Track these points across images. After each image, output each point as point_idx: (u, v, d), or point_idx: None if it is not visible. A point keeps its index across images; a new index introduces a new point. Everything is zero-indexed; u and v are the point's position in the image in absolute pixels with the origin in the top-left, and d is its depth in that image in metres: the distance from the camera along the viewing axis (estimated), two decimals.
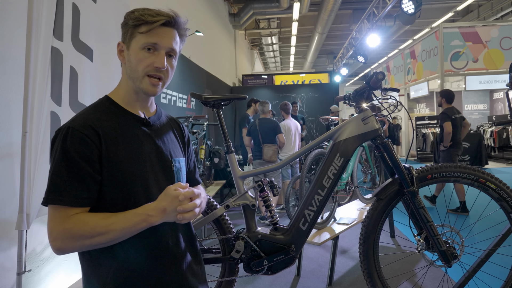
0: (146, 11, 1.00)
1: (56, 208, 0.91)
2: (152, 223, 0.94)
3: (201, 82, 6.59)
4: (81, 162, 0.92)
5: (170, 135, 1.16)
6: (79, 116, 0.98)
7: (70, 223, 0.90)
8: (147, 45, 1.00)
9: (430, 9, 11.79)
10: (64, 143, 0.92)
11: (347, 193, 3.41)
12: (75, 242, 0.90)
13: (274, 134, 4.87)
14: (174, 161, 1.12)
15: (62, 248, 0.91)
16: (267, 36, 14.41)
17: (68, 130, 0.93)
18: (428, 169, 1.80)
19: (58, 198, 0.90)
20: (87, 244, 0.91)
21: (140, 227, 0.93)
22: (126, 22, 1.03)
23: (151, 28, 0.99)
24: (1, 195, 1.91)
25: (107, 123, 0.99)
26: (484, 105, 15.04)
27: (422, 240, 1.81)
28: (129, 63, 1.03)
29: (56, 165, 0.92)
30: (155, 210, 0.93)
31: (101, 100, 1.07)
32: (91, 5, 2.27)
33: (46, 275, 2.21)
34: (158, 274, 1.03)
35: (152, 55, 1.01)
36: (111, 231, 0.91)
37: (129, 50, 1.03)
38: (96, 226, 0.91)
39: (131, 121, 1.05)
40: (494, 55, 9.43)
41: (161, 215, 0.93)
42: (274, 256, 1.73)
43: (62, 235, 0.90)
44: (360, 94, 1.86)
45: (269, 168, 1.94)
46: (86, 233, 0.90)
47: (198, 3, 6.93)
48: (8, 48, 1.95)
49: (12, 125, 1.97)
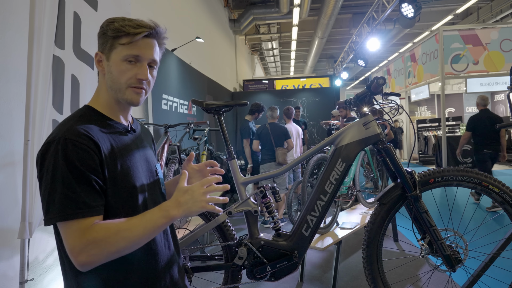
0: (126, 22, 0.99)
1: (74, 222, 0.87)
2: (171, 217, 0.94)
3: (202, 88, 6.60)
4: (86, 172, 0.90)
5: (148, 142, 1.19)
6: (70, 127, 0.93)
7: (93, 232, 0.87)
8: (129, 57, 0.99)
9: (430, 12, 11.83)
10: (66, 155, 0.88)
11: (349, 197, 3.40)
12: (101, 252, 0.87)
13: (284, 138, 5.04)
14: (156, 167, 1.16)
15: (89, 262, 0.86)
16: (267, 41, 14.48)
17: (66, 142, 0.89)
18: (431, 173, 1.79)
19: (77, 212, 0.87)
20: (113, 251, 0.88)
21: (161, 224, 0.93)
22: (105, 32, 1.00)
23: (133, 40, 0.98)
24: (4, 204, 1.91)
25: (99, 132, 0.98)
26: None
27: (426, 245, 1.80)
28: (109, 74, 1.01)
29: (63, 178, 0.87)
30: (170, 204, 0.95)
31: (83, 110, 1.04)
32: (92, 13, 2.28)
33: (49, 284, 2.21)
34: (154, 274, 1.05)
35: (135, 66, 1.00)
36: (135, 233, 0.90)
37: (109, 61, 1.01)
38: (119, 230, 0.89)
39: (118, 129, 1.05)
40: (494, 57, 9.43)
41: (177, 208, 0.95)
42: (277, 263, 1.72)
43: (86, 246, 0.86)
44: (361, 99, 1.86)
45: (271, 174, 1.94)
46: (110, 239, 0.87)
47: (198, 10, 6.96)
48: (10, 58, 1.96)
49: (14, 133, 1.98)
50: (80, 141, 0.90)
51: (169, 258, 1.12)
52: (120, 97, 1.02)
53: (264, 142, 5.10)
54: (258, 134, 5.18)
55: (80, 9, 2.14)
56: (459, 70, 9.49)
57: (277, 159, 4.98)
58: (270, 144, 5.03)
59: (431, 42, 10.25)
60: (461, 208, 5.28)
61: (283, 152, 4.95)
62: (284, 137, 5.04)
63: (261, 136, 5.13)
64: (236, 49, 11.59)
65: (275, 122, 5.16)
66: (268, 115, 5.24)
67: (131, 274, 1.00)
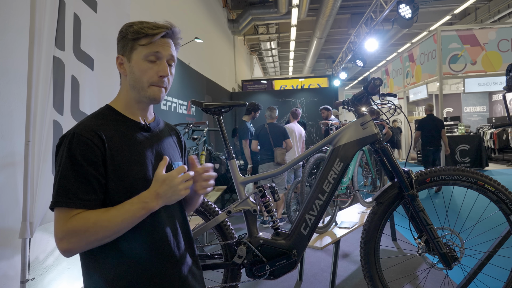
0: (145, 24, 1.04)
1: (62, 210, 0.94)
2: (150, 208, 0.98)
3: (201, 88, 6.62)
4: (86, 165, 0.95)
5: (169, 141, 1.21)
6: (83, 123, 1.01)
7: (73, 221, 0.93)
8: (150, 55, 1.04)
9: (428, 12, 11.87)
10: (70, 148, 0.95)
11: (348, 197, 3.42)
12: (80, 240, 0.93)
13: (283, 138, 5.06)
14: (174, 165, 1.16)
15: (69, 249, 0.93)
16: (266, 42, 14.50)
17: (73, 136, 0.96)
18: (427, 172, 1.81)
19: (65, 201, 0.93)
20: (92, 240, 0.94)
21: (140, 215, 0.97)
22: (124, 36, 1.06)
23: (152, 40, 1.04)
24: (4, 204, 1.92)
25: (110, 129, 1.03)
26: (484, 107, 15.07)
27: (423, 243, 1.82)
28: (131, 74, 1.06)
29: (63, 169, 0.94)
30: (148, 196, 0.98)
31: (102, 108, 1.10)
32: (92, 14, 2.30)
33: (49, 283, 2.22)
34: (160, 271, 1.06)
35: (155, 65, 1.06)
36: (113, 223, 0.94)
37: (130, 62, 1.06)
38: (98, 220, 0.93)
39: (132, 127, 1.09)
40: (492, 57, 9.47)
41: (156, 199, 0.98)
42: (276, 261, 1.74)
43: (66, 234, 0.92)
44: (359, 99, 1.88)
45: (270, 174, 1.96)
46: (89, 228, 0.92)
47: (197, 10, 6.98)
48: (10, 59, 1.98)
49: (15, 134, 1.99)
50: (85, 136, 0.96)
51: (178, 259, 1.12)
52: (142, 95, 1.07)
53: (262, 142, 5.12)
54: (257, 134, 5.20)
55: (80, 10, 2.16)
56: (457, 70, 9.53)
57: (275, 159, 5.00)
58: (268, 144, 5.05)
59: (429, 42, 10.28)
60: (458, 207, 5.31)
61: (281, 152, 4.97)
62: (283, 137, 5.06)
63: (259, 136, 5.15)
64: (235, 49, 11.61)
65: (273, 122, 5.18)
66: (267, 115, 5.26)
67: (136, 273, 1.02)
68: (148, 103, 1.11)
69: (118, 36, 1.08)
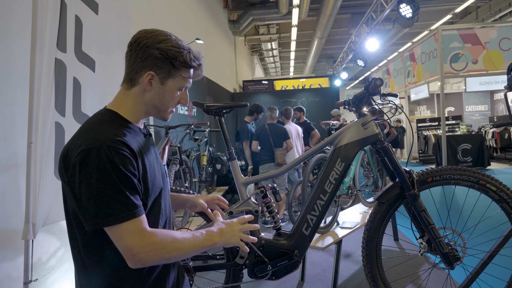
0: (192, 55, 1.08)
1: (128, 224, 0.93)
2: (215, 243, 1.11)
3: (202, 89, 6.63)
4: (130, 175, 0.95)
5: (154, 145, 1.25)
6: (106, 134, 0.96)
7: (153, 236, 0.96)
8: (183, 87, 1.11)
9: (429, 11, 11.86)
10: (111, 161, 0.92)
11: (349, 197, 3.41)
12: (156, 254, 0.95)
13: (283, 139, 5.04)
14: (164, 167, 1.23)
15: (144, 261, 0.94)
16: (267, 42, 14.50)
17: (109, 149, 0.93)
18: (429, 172, 1.81)
19: (128, 214, 0.93)
20: (165, 258, 0.98)
21: (206, 246, 1.07)
22: (166, 58, 1.03)
23: (193, 76, 1.11)
24: (7, 206, 1.93)
25: (129, 138, 1.01)
26: (485, 106, 15.03)
27: (425, 243, 1.82)
28: (159, 96, 1.08)
29: (110, 184, 0.91)
30: (215, 232, 1.13)
31: (108, 115, 1.05)
32: (93, 16, 2.30)
33: (52, 284, 2.23)
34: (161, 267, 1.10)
35: (180, 93, 1.13)
36: (186, 246, 1.01)
37: (163, 85, 1.07)
38: (175, 240, 0.99)
39: (140, 134, 1.10)
40: (493, 56, 9.44)
41: (220, 236, 1.13)
42: (278, 262, 1.74)
43: (145, 247, 0.94)
44: (360, 99, 1.88)
45: (271, 174, 1.96)
46: (167, 246, 0.97)
47: (197, 11, 6.99)
48: (12, 61, 1.99)
49: (17, 136, 2.00)
50: (121, 148, 0.95)
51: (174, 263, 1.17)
52: (160, 115, 1.13)
53: (263, 143, 5.11)
54: (257, 135, 5.19)
55: (81, 12, 2.17)
56: (458, 69, 9.51)
57: (276, 159, 4.99)
58: (269, 145, 5.04)
59: (430, 41, 10.26)
60: (460, 207, 5.30)
61: (282, 153, 4.97)
62: (283, 138, 5.05)
63: (260, 136, 5.13)
64: (236, 50, 11.62)
65: (274, 123, 5.16)
66: (267, 116, 5.25)
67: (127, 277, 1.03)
68: (157, 118, 1.16)
69: (155, 52, 1.02)
